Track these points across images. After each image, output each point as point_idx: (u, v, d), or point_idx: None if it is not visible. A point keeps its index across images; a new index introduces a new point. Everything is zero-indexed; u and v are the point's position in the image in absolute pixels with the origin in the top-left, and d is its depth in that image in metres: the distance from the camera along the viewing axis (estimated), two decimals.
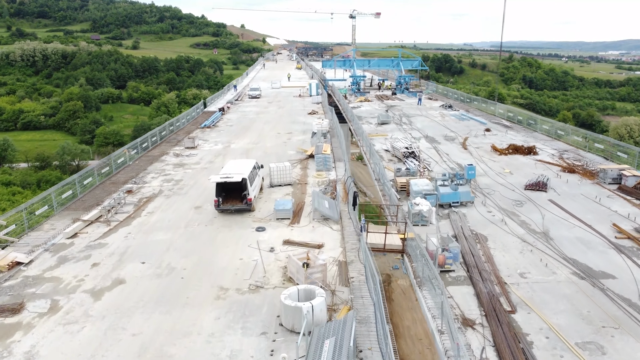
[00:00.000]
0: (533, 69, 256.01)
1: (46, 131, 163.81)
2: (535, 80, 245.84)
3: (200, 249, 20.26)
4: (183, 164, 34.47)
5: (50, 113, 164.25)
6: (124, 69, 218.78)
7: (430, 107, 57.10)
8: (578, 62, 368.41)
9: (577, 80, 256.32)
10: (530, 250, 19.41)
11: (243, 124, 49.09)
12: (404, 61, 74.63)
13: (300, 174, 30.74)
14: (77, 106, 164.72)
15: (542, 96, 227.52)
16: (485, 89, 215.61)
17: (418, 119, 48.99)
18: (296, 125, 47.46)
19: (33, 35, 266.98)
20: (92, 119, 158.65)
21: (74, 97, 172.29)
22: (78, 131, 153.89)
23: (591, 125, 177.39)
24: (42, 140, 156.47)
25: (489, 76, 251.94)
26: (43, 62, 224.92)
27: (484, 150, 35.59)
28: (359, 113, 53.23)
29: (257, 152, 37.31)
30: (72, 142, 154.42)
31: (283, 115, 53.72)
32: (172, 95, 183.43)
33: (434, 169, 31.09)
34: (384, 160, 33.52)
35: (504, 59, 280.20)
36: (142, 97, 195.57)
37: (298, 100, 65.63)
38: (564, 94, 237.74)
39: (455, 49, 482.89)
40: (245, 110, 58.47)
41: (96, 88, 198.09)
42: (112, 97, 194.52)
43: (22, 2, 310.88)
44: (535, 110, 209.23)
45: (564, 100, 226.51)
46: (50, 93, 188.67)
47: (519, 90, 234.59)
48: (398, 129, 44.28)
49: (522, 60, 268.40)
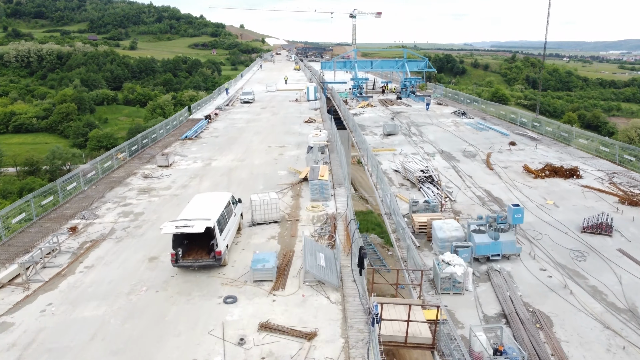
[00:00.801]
0: (536, 69, 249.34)
1: (38, 134, 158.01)
2: (539, 80, 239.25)
3: (139, 338, 13.91)
4: (150, 188, 28.10)
5: (43, 115, 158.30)
6: (120, 70, 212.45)
7: (440, 113, 50.68)
8: (580, 62, 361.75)
9: (581, 81, 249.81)
10: (622, 348, 13.04)
11: (230, 135, 42.67)
12: (410, 62, 68.15)
13: (290, 205, 24.37)
14: (71, 108, 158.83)
15: (546, 97, 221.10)
16: (488, 90, 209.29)
17: (429, 129, 42.59)
18: (290, 137, 41.09)
19: (29, 35, 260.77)
20: (85, 121, 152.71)
21: (67, 99, 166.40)
22: (71, 134, 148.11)
23: (597, 126, 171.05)
24: (34, 143, 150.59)
25: (492, 76, 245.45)
26: (38, 63, 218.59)
27: (514, 172, 29.19)
28: (361, 121, 46.87)
29: (242, 171, 30.97)
30: (65, 145, 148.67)
31: (276, 124, 47.32)
32: (168, 97, 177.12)
33: (456, 198, 24.73)
34: (394, 184, 27.17)
35: (507, 59, 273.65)
36: (138, 98, 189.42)
37: (294, 106, 59.21)
38: (568, 95, 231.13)
39: (456, 49, 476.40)
40: (235, 117, 52.00)
41: (91, 89, 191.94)
42: (107, 98, 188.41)
43: (19, 2, 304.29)
44: (540, 112, 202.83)
45: (568, 101, 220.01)
46: (43, 95, 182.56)
47: (523, 90, 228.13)
48: (407, 141, 37.88)
49: (525, 60, 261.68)
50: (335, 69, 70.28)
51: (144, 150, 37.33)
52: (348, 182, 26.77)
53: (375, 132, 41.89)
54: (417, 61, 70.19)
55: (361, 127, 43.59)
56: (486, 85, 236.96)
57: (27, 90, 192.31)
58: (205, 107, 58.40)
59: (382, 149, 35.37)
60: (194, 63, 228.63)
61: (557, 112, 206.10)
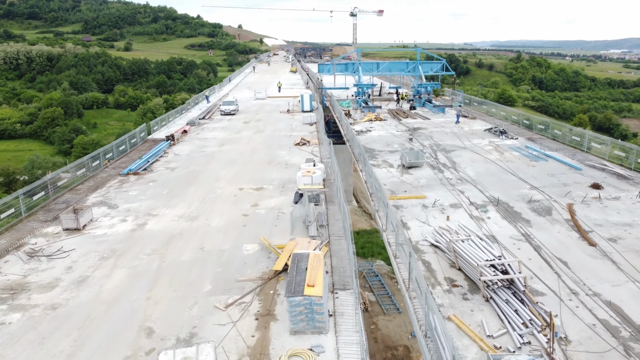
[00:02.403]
0: (542, 69, 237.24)
1: (22, 140, 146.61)
2: (546, 80, 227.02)
3: None
4: (23, 286, 16.21)
5: (28, 120, 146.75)
6: (112, 72, 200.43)
7: (470, 131, 38.69)
8: (584, 62, 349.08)
9: (588, 81, 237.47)
10: None
11: (192, 168, 30.65)
12: (423, 64, 56.10)
13: (250, 347, 12.52)
14: (57, 113, 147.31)
15: (554, 98, 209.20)
16: (493, 90, 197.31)
17: (463, 157, 30.59)
18: (274, 170, 29.16)
19: (21, 37, 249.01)
20: (72, 126, 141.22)
21: (54, 103, 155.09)
22: (56, 140, 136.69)
23: (609, 129, 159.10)
24: (17, 150, 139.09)
25: (497, 76, 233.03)
26: (27, 65, 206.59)
27: (633, 250, 17.26)
28: (369, 142, 34.88)
29: (187, 245, 19.01)
30: (50, 152, 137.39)
31: (258, 148, 35.34)
32: (160, 100, 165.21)
33: (567, 328, 12.85)
34: (438, 281, 15.28)
35: (512, 59, 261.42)
36: (130, 101, 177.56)
37: (285, 119, 47.22)
38: (576, 95, 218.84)
39: (456, 48, 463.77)
40: (208, 136, 39.89)
41: (81, 92, 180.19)
42: (97, 102, 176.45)
43: (12, 3, 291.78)
44: (549, 114, 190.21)
45: (577, 102, 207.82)
46: (30, 99, 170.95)
47: (529, 91, 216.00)
48: (438, 179, 25.91)
49: (531, 60, 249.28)
50: (336, 73, 58.03)
51: (59, 196, 25.39)
52: (355, 284, 14.76)
53: (389, 161, 29.91)
54: (432, 63, 58.11)
55: (369, 152, 31.66)
56: (491, 85, 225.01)
57: (13, 94, 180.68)
58: (174, 122, 46.30)
59: (405, 196, 23.46)
60: (189, 64, 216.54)
61: (566, 113, 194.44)
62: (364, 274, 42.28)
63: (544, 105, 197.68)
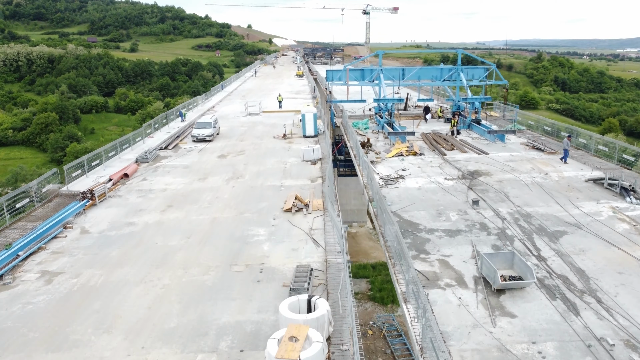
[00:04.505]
0: (565, 69, 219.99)
1: (14, 147, 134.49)
2: (569, 81, 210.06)
3: None
4: None
5: (21, 126, 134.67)
6: (113, 74, 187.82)
7: (561, 179, 24.21)
8: (604, 61, 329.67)
9: (614, 82, 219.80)
10: None
11: (82, 280, 16.56)
12: (466, 69, 41.53)
13: None
14: (51, 118, 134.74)
15: (579, 100, 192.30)
16: (514, 92, 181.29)
17: (588, 252, 16.24)
18: (234, 289, 15.08)
19: (25, 38, 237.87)
20: (66, 132, 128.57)
21: (49, 108, 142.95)
22: (49, 148, 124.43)
23: None
24: (7, 159, 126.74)
25: (517, 77, 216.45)
26: (28, 67, 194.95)
27: None
28: (406, 204, 20.55)
29: None
30: (42, 160, 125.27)
31: (224, 219, 21.12)
32: (160, 105, 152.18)
33: None
34: None
35: (532, 59, 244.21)
36: (130, 105, 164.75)
37: (278, 151, 32.95)
38: (602, 97, 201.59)
39: (469, 47, 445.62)
40: (155, 187, 25.47)
41: (80, 96, 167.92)
42: (97, 106, 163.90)
43: (18, 4, 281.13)
44: (575, 117, 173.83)
45: (604, 105, 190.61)
46: (26, 103, 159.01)
47: (552, 93, 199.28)
48: (574, 331, 11.70)
49: (553, 59, 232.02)
50: (349, 81, 43.32)
51: None
52: None
53: (451, 260, 15.62)
54: (474, 68, 43.53)
55: (410, 232, 17.44)
56: (511, 87, 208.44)
57: (10, 98, 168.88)
58: (117, 157, 32.08)
59: None
60: (194, 66, 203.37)
61: (593, 117, 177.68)
62: (384, 332, 29.45)
63: (569, 109, 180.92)
